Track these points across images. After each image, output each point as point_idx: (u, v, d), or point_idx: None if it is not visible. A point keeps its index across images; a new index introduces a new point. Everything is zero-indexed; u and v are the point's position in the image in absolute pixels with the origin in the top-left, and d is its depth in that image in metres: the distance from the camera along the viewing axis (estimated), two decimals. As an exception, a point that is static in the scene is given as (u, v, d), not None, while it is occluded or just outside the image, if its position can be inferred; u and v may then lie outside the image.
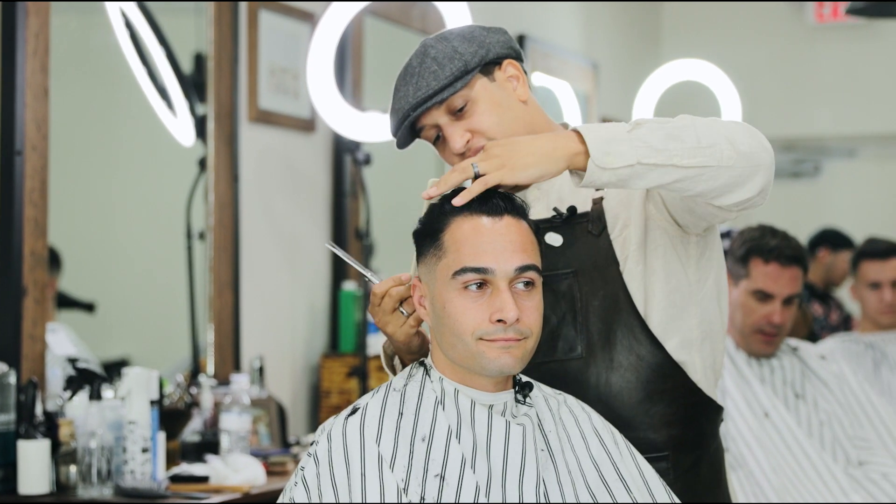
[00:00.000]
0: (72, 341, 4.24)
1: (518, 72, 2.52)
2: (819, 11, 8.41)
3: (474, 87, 2.46)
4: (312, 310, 5.09)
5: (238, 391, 4.03)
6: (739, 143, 2.27)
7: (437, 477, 2.16)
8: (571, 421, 2.32)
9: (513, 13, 6.74)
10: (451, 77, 2.44)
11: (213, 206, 4.56)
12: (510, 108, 2.49)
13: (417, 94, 2.44)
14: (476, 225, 2.22)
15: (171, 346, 4.69)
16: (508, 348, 2.20)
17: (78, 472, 3.53)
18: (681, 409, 2.48)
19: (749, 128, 2.32)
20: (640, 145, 2.23)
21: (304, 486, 2.19)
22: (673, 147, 2.24)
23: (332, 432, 2.22)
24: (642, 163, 2.23)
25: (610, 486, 2.25)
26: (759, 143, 2.30)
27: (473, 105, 2.46)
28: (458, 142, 2.46)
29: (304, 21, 4.94)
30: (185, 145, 4.56)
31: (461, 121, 2.46)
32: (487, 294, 2.20)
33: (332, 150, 5.19)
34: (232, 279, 4.62)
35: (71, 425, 3.61)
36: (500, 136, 2.44)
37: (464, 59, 2.45)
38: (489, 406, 2.24)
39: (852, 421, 3.89)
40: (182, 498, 3.50)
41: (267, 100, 4.81)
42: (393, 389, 2.27)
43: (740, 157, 2.27)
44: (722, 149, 2.26)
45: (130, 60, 4.39)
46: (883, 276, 4.96)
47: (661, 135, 2.25)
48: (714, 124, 2.29)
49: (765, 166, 2.30)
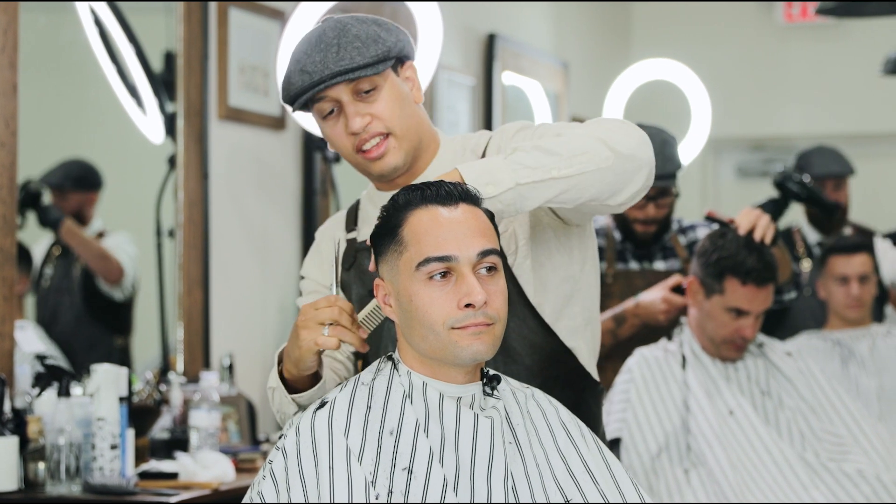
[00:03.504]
0: (40, 338, 4.24)
1: (415, 76, 2.59)
2: (788, 11, 8.44)
3: (385, 76, 2.52)
4: (283, 308, 5.09)
5: (207, 388, 4.03)
6: (616, 142, 2.35)
7: (404, 470, 2.18)
8: (539, 414, 2.33)
9: (483, 12, 6.75)
10: (373, 58, 2.49)
11: (182, 203, 4.56)
12: (408, 105, 2.55)
13: (340, 64, 2.48)
14: (434, 215, 2.24)
15: (141, 344, 4.69)
16: (479, 334, 2.22)
17: (46, 468, 3.51)
18: (574, 394, 2.57)
19: (626, 125, 2.41)
20: (517, 167, 2.31)
21: (272, 479, 2.20)
22: (548, 161, 2.32)
23: (301, 426, 2.22)
24: (521, 183, 2.30)
25: (577, 478, 2.27)
26: (637, 140, 2.38)
27: (378, 92, 2.52)
28: (358, 122, 2.51)
29: (274, 19, 4.94)
30: (155, 143, 4.56)
31: (362, 103, 2.52)
32: (452, 282, 2.22)
33: (301, 147, 5.18)
34: (202, 277, 4.61)
35: (39, 422, 3.60)
36: (397, 128, 2.53)
37: (386, 45, 2.50)
38: (457, 398, 2.26)
39: (821, 417, 3.90)
40: (151, 494, 3.49)
41: (237, 97, 4.81)
42: (361, 383, 2.28)
43: (618, 157, 2.35)
44: (598, 151, 2.34)
45: (100, 58, 4.38)
46: (850, 270, 5.00)
47: (536, 154, 2.32)
48: (589, 129, 2.38)
49: (646, 161, 2.39)
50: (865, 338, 5.02)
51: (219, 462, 3.75)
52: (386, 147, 2.54)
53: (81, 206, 4.57)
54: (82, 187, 4.57)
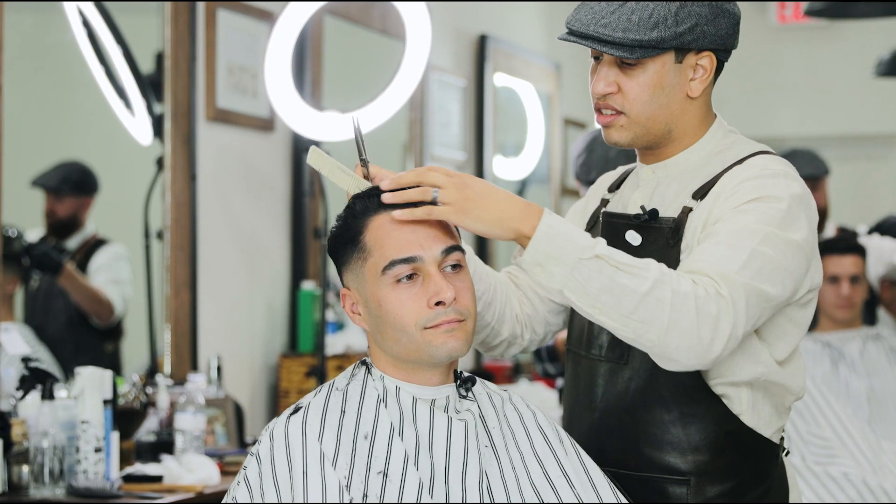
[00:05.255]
0: (26, 341, 4.23)
1: (710, 67, 2.41)
2: (781, 13, 8.45)
3: (657, 57, 2.37)
4: (271, 309, 5.08)
5: (193, 391, 4.02)
6: (671, 337, 2.19)
7: (379, 474, 2.17)
8: (516, 417, 2.32)
9: (474, 13, 6.74)
10: (634, 42, 2.35)
11: (169, 205, 4.55)
12: (665, 96, 2.39)
13: (598, 30, 2.35)
14: (394, 219, 2.22)
15: (132, 348, 4.68)
16: (452, 331, 2.21)
17: (30, 471, 3.51)
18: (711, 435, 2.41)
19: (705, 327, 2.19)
20: (577, 278, 2.18)
21: (246, 485, 2.19)
22: (603, 300, 2.18)
23: (275, 431, 2.22)
24: (565, 294, 2.20)
25: (554, 482, 2.26)
26: (695, 346, 2.19)
27: (642, 71, 2.37)
28: (601, 87, 2.40)
29: (263, 20, 4.93)
30: (143, 144, 4.55)
31: (619, 71, 2.39)
32: (420, 282, 2.21)
33: (291, 149, 5.18)
34: (189, 279, 4.60)
35: (23, 425, 3.59)
36: (634, 112, 2.39)
37: (662, 35, 2.34)
38: (431, 401, 2.25)
39: (807, 420, 3.90)
40: (135, 498, 3.49)
41: (225, 99, 4.80)
42: (335, 388, 2.27)
43: (659, 347, 2.20)
44: (649, 330, 2.19)
45: (88, 59, 4.37)
46: (841, 269, 5.01)
47: (604, 283, 2.18)
48: (672, 303, 2.18)
49: (679, 365, 2.24)
50: (856, 340, 5.02)
51: (204, 465, 3.74)
52: (613, 121, 2.42)
53: (76, 210, 4.56)
54: (79, 192, 4.56)
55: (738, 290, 2.22)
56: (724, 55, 2.43)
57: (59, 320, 4.53)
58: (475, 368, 6.51)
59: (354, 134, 2.40)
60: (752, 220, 2.28)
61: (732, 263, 2.24)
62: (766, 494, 2.44)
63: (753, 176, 2.34)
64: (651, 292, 2.17)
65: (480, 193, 2.23)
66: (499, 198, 2.23)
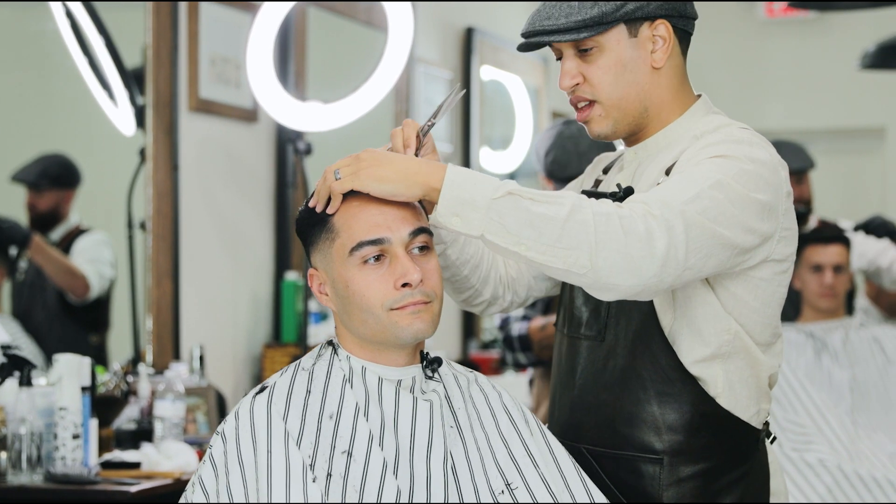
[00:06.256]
0: (6, 329, 4.24)
1: (668, 35, 2.41)
2: (769, 6, 8.45)
3: (609, 35, 2.38)
4: (255, 299, 5.09)
5: (172, 379, 4.03)
6: (604, 260, 2.14)
7: (344, 454, 2.18)
8: (481, 398, 2.33)
9: (461, 6, 6.75)
10: (579, 23, 2.37)
11: (151, 195, 4.56)
12: (633, 71, 2.40)
13: (545, 23, 2.39)
14: (362, 200, 2.24)
15: (118, 339, 4.69)
16: (418, 313, 2.22)
17: (8, 458, 3.52)
18: (686, 416, 2.41)
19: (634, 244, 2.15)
20: (494, 218, 2.15)
21: (211, 463, 2.20)
22: (525, 235, 2.14)
23: (240, 410, 2.23)
24: (486, 238, 2.17)
25: (518, 461, 2.27)
26: (628, 266, 2.15)
27: (599, 54, 2.39)
28: (566, 81, 2.42)
29: (246, 11, 4.93)
30: (127, 135, 4.56)
31: (582, 61, 2.40)
32: (387, 264, 2.23)
33: (275, 140, 5.19)
34: (171, 268, 4.61)
35: (1, 412, 3.60)
36: (605, 97, 2.40)
37: (603, 9, 2.36)
38: (397, 382, 2.26)
39: (784, 407, 3.92)
40: (112, 484, 3.50)
41: (208, 89, 4.81)
42: (301, 368, 2.28)
43: (593, 272, 2.15)
44: (578, 256, 2.14)
45: (71, 50, 4.38)
46: (825, 259, 5.02)
47: (522, 217, 2.15)
48: (595, 223, 2.14)
49: (624, 291, 2.18)
50: (838, 330, 5.04)
51: (182, 452, 3.75)
52: (590, 114, 2.43)
53: (58, 203, 4.56)
54: (60, 185, 4.56)
55: (675, 215, 2.18)
56: (681, 22, 2.43)
57: (43, 315, 4.54)
58: (462, 359, 6.52)
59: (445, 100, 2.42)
60: (707, 167, 2.26)
61: (675, 195, 2.21)
62: (744, 478, 2.43)
63: (717, 141, 2.33)
64: (571, 216, 2.13)
65: (377, 157, 2.22)
66: (399, 159, 2.23)
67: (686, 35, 2.46)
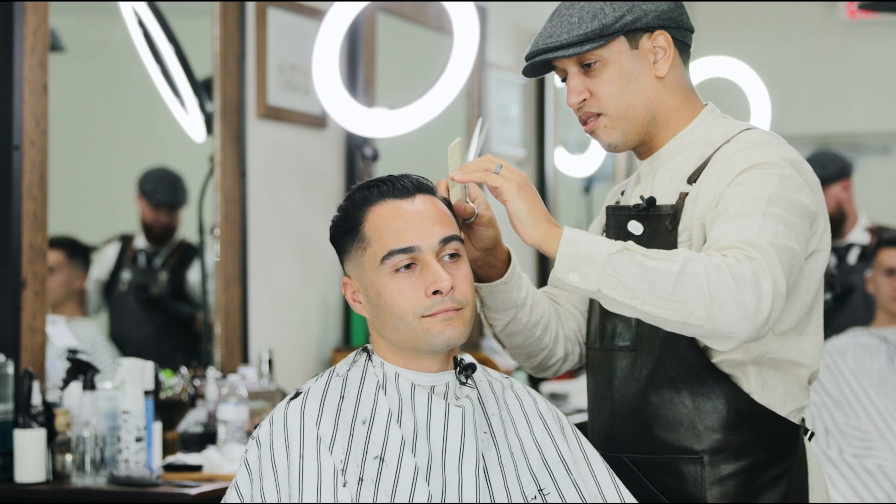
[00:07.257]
0: (82, 332, 4.33)
1: (667, 45, 2.47)
2: (850, 8, 8.35)
3: (611, 48, 2.44)
4: (324, 304, 5.14)
5: (236, 383, 4.07)
6: (719, 310, 2.19)
7: (376, 458, 2.20)
8: (516, 404, 2.35)
9: (533, 10, 6.74)
10: (581, 37, 2.42)
11: (220, 201, 4.62)
12: (637, 82, 2.46)
13: (547, 41, 2.45)
14: (393, 209, 2.27)
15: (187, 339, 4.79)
16: (450, 320, 2.25)
17: (73, 460, 3.59)
18: (722, 413, 2.43)
19: (746, 290, 2.19)
20: (610, 273, 2.22)
21: (246, 468, 2.24)
22: (641, 289, 2.21)
23: (275, 416, 2.26)
24: (603, 293, 2.23)
25: (551, 467, 2.28)
26: (744, 315, 2.19)
27: (603, 67, 2.45)
28: (573, 98, 2.48)
29: (314, 18, 4.98)
30: (197, 141, 4.62)
31: (587, 77, 2.46)
32: (418, 272, 2.26)
33: (344, 145, 5.23)
34: (239, 273, 4.67)
35: (67, 415, 3.67)
36: (615, 109, 2.46)
37: (603, 22, 2.42)
38: (430, 388, 2.28)
39: (846, 412, 3.88)
40: (173, 486, 3.55)
41: (276, 96, 4.86)
42: (335, 374, 2.31)
43: (711, 327, 2.20)
44: (693, 308, 2.19)
45: (144, 58, 4.45)
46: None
47: (637, 271, 2.21)
48: (707, 276, 2.19)
49: (739, 339, 2.22)
50: (913, 335, 4.98)
51: (243, 455, 3.79)
52: (596, 124, 2.49)
53: (171, 219, 4.74)
54: (176, 203, 4.74)
55: (767, 249, 2.23)
56: (679, 33, 2.49)
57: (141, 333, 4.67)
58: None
59: (475, 136, 2.51)
60: (751, 188, 2.31)
61: (750, 230, 2.26)
62: (785, 475, 2.44)
63: (741, 149, 2.39)
64: (684, 270, 2.19)
65: (535, 191, 2.33)
66: (541, 203, 2.33)
67: (685, 47, 2.51)
